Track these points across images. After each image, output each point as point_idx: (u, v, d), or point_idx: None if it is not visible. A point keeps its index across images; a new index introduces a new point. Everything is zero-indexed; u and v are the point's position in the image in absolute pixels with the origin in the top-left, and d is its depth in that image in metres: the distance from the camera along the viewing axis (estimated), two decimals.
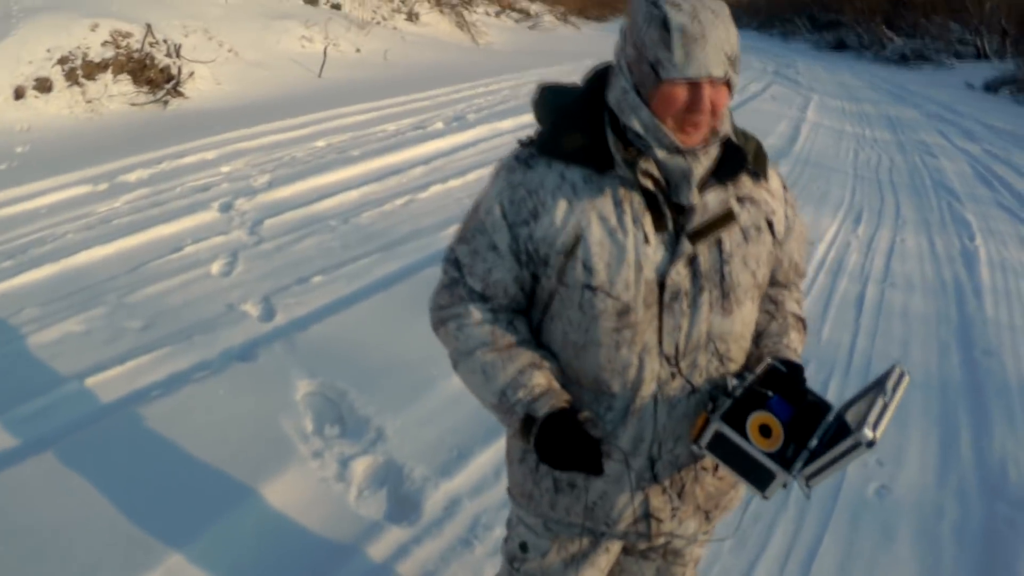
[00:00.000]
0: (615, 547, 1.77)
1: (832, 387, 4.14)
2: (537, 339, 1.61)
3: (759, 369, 1.55)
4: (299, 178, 6.63)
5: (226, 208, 5.84)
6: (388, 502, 3.02)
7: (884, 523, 3.14)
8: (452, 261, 1.62)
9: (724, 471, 1.56)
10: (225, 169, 6.78)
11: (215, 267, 4.84)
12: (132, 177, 6.39)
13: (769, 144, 3.85)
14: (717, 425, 1.46)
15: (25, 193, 5.84)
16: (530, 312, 1.63)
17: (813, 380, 3.24)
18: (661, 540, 1.69)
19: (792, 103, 14.96)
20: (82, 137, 7.68)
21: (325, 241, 5.40)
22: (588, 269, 1.47)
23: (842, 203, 8.00)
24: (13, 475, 2.95)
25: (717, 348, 1.54)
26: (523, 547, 1.78)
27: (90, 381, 3.54)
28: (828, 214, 7.45)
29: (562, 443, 1.46)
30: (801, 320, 1.75)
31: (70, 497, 2.86)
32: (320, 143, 7.89)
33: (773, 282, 1.73)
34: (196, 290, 4.50)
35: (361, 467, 3.12)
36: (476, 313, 1.57)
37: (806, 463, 1.46)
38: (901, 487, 3.37)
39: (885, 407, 1.46)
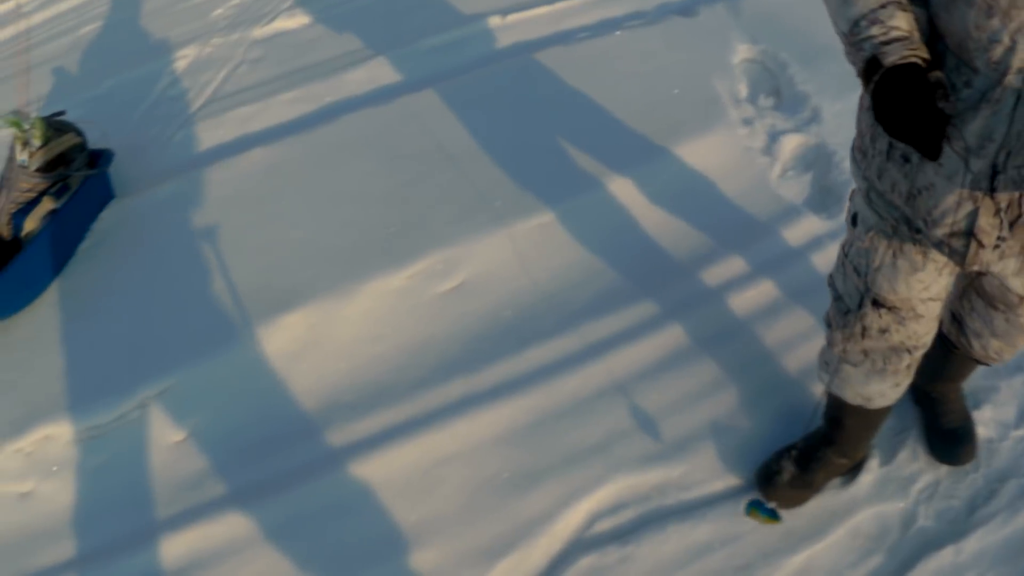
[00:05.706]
0: (940, 259, 1.55)
1: None
2: None
3: None
4: None
5: None
6: (811, 188, 2.80)
7: None
8: None
9: None
10: None
11: None
12: None
13: None
14: None
15: None
16: None
17: None
18: (975, 268, 1.49)
19: None
20: None
21: None
22: None
23: None
24: (406, 103, 3.07)
25: None
26: (854, 219, 1.65)
27: (511, 18, 3.51)
28: None
29: (902, 103, 1.24)
30: None
31: (457, 129, 2.95)
32: None
33: None
34: None
35: (791, 145, 2.88)
36: None
37: None
38: None
39: None
